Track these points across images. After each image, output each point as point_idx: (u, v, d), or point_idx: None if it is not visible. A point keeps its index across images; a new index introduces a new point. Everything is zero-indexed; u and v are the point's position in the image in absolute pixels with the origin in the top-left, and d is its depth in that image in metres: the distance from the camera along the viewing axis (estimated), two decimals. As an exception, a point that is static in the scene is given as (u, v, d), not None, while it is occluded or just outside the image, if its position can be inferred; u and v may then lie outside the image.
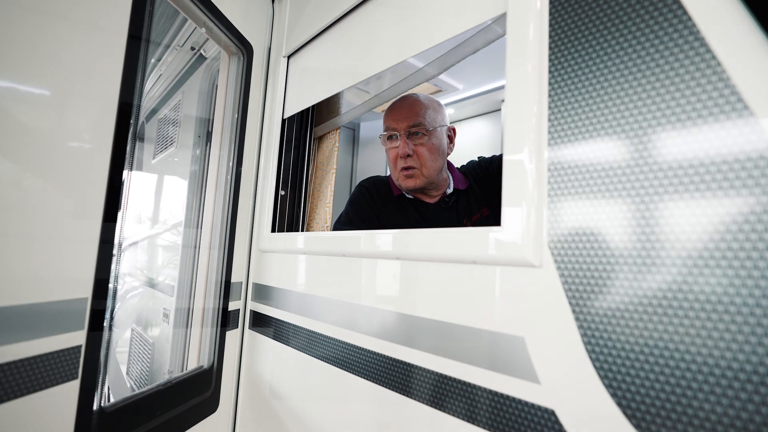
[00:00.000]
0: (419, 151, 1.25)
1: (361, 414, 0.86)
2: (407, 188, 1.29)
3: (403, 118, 1.27)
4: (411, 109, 1.27)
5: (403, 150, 1.24)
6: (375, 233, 0.88)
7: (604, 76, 0.55)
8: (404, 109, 1.28)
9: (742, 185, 0.43)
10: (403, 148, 1.24)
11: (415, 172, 1.26)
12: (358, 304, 0.91)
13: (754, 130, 0.42)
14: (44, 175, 0.70)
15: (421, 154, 1.25)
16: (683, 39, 0.48)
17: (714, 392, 0.43)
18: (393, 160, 1.29)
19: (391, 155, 1.30)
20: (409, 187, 1.28)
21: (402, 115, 1.27)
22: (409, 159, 1.25)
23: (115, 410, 0.84)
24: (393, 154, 1.28)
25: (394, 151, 1.28)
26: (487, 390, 0.64)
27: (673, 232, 0.47)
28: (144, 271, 2.27)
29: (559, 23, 0.61)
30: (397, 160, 1.27)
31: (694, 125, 0.47)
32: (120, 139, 0.81)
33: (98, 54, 0.79)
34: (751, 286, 0.41)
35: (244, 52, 1.28)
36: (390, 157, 1.31)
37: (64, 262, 0.73)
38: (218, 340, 1.19)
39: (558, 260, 0.57)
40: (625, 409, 0.49)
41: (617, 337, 0.50)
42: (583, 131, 0.56)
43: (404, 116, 1.27)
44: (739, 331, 0.42)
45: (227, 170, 1.27)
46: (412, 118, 1.26)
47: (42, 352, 0.68)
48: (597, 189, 0.54)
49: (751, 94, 0.43)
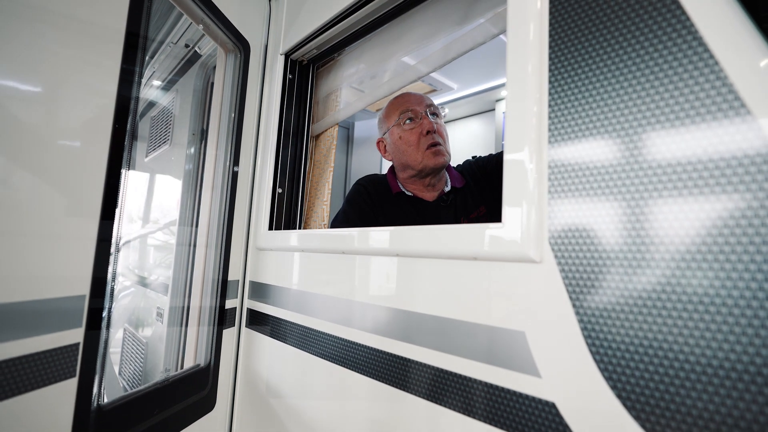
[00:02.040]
0: (440, 130, 1.33)
1: (359, 409, 0.87)
2: (436, 165, 1.30)
3: (421, 100, 1.35)
4: (423, 96, 1.36)
5: (431, 125, 1.30)
6: (375, 230, 0.89)
7: (604, 76, 0.56)
8: (418, 95, 1.37)
9: (739, 182, 0.44)
10: (431, 124, 1.30)
11: (441, 149, 1.30)
12: (357, 301, 0.91)
13: (752, 128, 0.44)
14: (42, 172, 0.69)
15: (441, 133, 1.33)
16: (682, 38, 0.50)
17: (712, 383, 0.44)
18: (416, 141, 1.30)
19: (412, 136, 1.31)
20: (438, 164, 1.30)
21: (419, 98, 1.35)
22: (436, 135, 1.30)
23: (112, 408, 0.84)
24: (415, 134, 1.30)
25: (416, 131, 1.31)
26: (487, 384, 0.65)
27: (672, 227, 0.48)
28: (136, 270, 2.25)
29: (559, 23, 0.62)
30: (420, 139, 1.30)
31: (693, 124, 0.48)
32: (118, 137, 0.80)
33: (96, 51, 0.78)
34: (747, 279, 0.43)
35: (241, 49, 1.27)
36: (411, 139, 1.31)
37: (62, 259, 0.72)
38: (215, 339, 1.19)
39: (558, 256, 0.58)
40: (625, 401, 0.50)
41: (617, 331, 0.51)
42: (583, 129, 0.57)
43: (421, 99, 1.35)
44: (736, 323, 0.43)
45: (224, 168, 1.27)
46: (428, 100, 1.36)
47: (40, 349, 0.68)
48: (597, 186, 0.55)
49: (749, 93, 0.44)
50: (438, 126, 1.32)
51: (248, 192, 1.33)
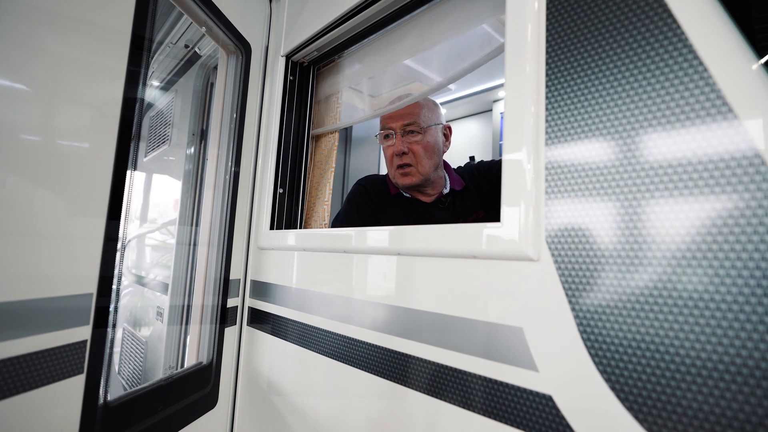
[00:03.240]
0: (414, 148, 1.29)
1: (360, 405, 0.89)
2: (403, 185, 1.32)
3: (399, 117, 1.31)
4: (406, 109, 1.30)
5: (398, 147, 1.29)
6: (375, 229, 0.91)
7: (597, 79, 0.59)
8: (401, 110, 1.31)
9: (726, 183, 0.46)
10: (398, 146, 1.29)
11: (410, 170, 1.29)
12: (357, 299, 0.93)
13: (738, 131, 0.46)
14: (51, 173, 0.71)
15: (416, 152, 1.29)
16: (672, 45, 0.52)
17: (709, 377, 0.46)
18: (389, 158, 1.33)
19: (387, 153, 1.33)
20: (405, 185, 1.31)
21: (397, 114, 1.31)
22: (405, 157, 1.29)
23: (119, 405, 0.85)
24: (389, 152, 1.32)
25: (390, 149, 1.32)
26: (485, 378, 0.67)
27: (664, 227, 0.51)
28: (134, 270, 2.26)
29: (555, 26, 0.64)
30: (393, 158, 1.31)
31: (683, 127, 0.50)
32: (124, 137, 0.82)
33: (103, 52, 0.79)
34: (735, 276, 0.45)
35: (242, 50, 1.29)
36: (387, 155, 1.34)
37: (70, 258, 0.73)
38: (217, 337, 1.20)
39: (555, 254, 0.60)
40: (619, 393, 0.52)
41: (611, 326, 0.53)
42: (579, 131, 0.60)
43: (399, 115, 1.31)
44: (727, 319, 0.45)
45: (225, 167, 1.28)
46: (407, 117, 1.30)
47: (49, 346, 0.69)
48: (593, 186, 0.57)
49: (735, 97, 0.46)
50: (413, 145, 1.29)
51: (249, 192, 1.35)
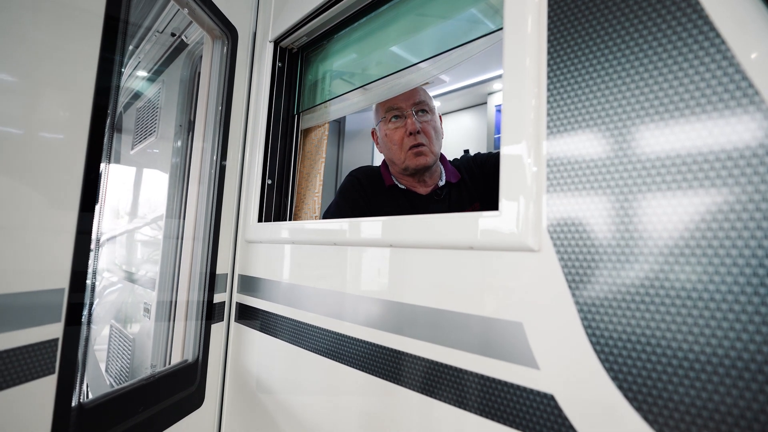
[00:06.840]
0: (426, 128, 1.28)
1: (351, 403, 0.85)
2: (417, 166, 1.27)
3: (409, 96, 1.28)
4: (413, 90, 1.28)
5: (414, 126, 1.25)
6: (367, 221, 0.86)
7: (603, 68, 0.55)
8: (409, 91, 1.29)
9: (740, 175, 0.43)
10: (413, 125, 1.25)
11: (424, 149, 1.26)
12: (349, 294, 0.89)
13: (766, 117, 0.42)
14: (17, 164, 0.66)
15: (428, 132, 1.27)
16: (692, 22, 0.48)
17: (716, 372, 0.43)
18: (399, 140, 1.28)
19: (396, 136, 1.28)
20: (419, 165, 1.27)
21: (408, 95, 1.28)
22: (419, 136, 1.26)
23: (95, 406, 0.80)
24: (399, 134, 1.28)
25: (400, 130, 1.27)
26: (482, 376, 0.63)
27: (674, 218, 0.47)
28: (122, 266, 2.20)
29: (558, 15, 0.60)
30: (403, 140, 1.27)
31: (701, 114, 0.46)
32: (97, 126, 0.76)
33: (73, 36, 0.74)
34: (730, 268, 0.41)
35: (228, 35, 1.23)
36: (395, 138, 1.29)
37: (38, 252, 0.68)
38: (203, 334, 1.16)
39: (557, 244, 0.56)
40: (627, 391, 0.49)
41: (618, 320, 0.50)
42: (581, 122, 0.56)
43: (408, 96, 1.28)
44: (731, 310, 0.42)
45: (211, 159, 1.23)
46: (416, 97, 1.28)
47: (16, 345, 0.64)
48: (594, 178, 0.53)
49: (763, 81, 0.42)
50: (424, 125, 1.27)
51: (237, 183, 1.30)
